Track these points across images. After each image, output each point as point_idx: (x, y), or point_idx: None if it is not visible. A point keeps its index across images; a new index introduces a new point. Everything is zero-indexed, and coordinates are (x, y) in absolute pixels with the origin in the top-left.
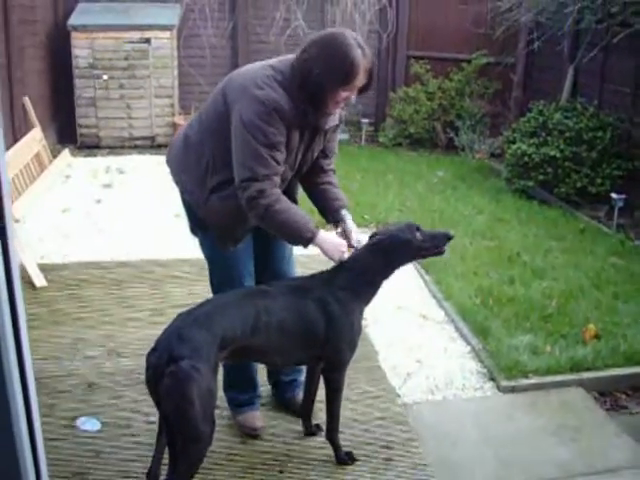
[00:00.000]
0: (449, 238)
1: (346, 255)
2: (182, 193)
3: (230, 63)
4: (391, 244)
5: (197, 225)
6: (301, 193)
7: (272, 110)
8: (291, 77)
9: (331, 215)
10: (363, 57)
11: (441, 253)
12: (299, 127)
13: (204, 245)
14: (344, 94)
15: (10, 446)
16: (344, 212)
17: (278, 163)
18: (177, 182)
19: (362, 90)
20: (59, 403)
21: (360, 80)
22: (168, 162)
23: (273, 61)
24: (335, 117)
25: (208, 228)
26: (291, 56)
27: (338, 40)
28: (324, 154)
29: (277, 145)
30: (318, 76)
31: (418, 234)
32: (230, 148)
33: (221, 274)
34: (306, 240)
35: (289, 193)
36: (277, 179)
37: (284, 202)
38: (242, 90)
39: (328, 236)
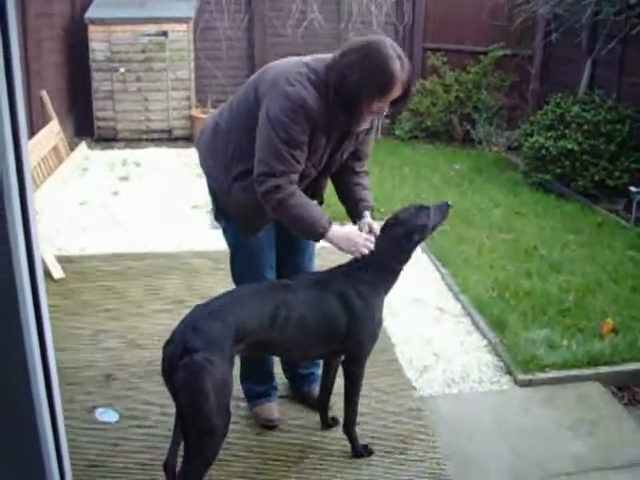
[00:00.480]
0: (449, 205)
1: (365, 250)
2: (208, 178)
3: (246, 55)
4: (408, 233)
5: (221, 212)
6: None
7: (299, 107)
8: (325, 78)
9: (354, 216)
10: (401, 69)
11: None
12: (327, 128)
13: (227, 233)
14: (379, 104)
15: (33, 435)
16: (366, 213)
17: (298, 162)
18: (203, 167)
19: (397, 104)
20: (78, 394)
21: (395, 93)
22: (197, 147)
23: (308, 59)
24: (367, 121)
25: (230, 216)
26: (327, 55)
27: (380, 50)
28: (356, 156)
29: (299, 144)
30: (356, 83)
31: (429, 214)
32: (255, 139)
33: (243, 262)
34: (318, 235)
35: (315, 190)
36: (295, 176)
37: (298, 197)
38: (273, 84)
39: (341, 231)
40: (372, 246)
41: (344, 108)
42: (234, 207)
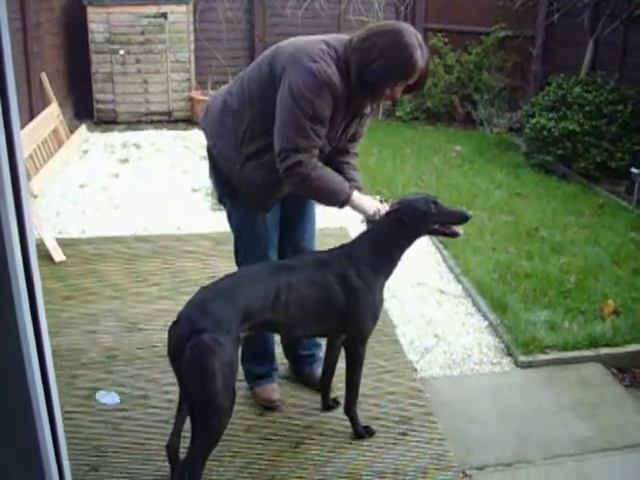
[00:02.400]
0: (465, 219)
1: (382, 210)
2: (217, 158)
3: (247, 37)
4: (408, 214)
5: (227, 193)
6: None
7: (324, 84)
8: (344, 57)
9: None
10: (422, 58)
11: (455, 234)
12: (346, 106)
13: (232, 214)
14: (395, 89)
15: (29, 420)
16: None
17: (319, 137)
18: (213, 147)
19: (411, 90)
20: (79, 376)
21: (412, 80)
22: (203, 127)
23: (327, 37)
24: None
25: (238, 196)
26: (343, 35)
27: (405, 38)
28: (353, 137)
29: (322, 119)
30: (379, 68)
31: (433, 207)
32: (270, 116)
33: (247, 244)
34: (341, 202)
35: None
36: (316, 151)
37: (320, 169)
38: (294, 60)
39: (361, 196)
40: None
41: (365, 90)
42: (247, 186)
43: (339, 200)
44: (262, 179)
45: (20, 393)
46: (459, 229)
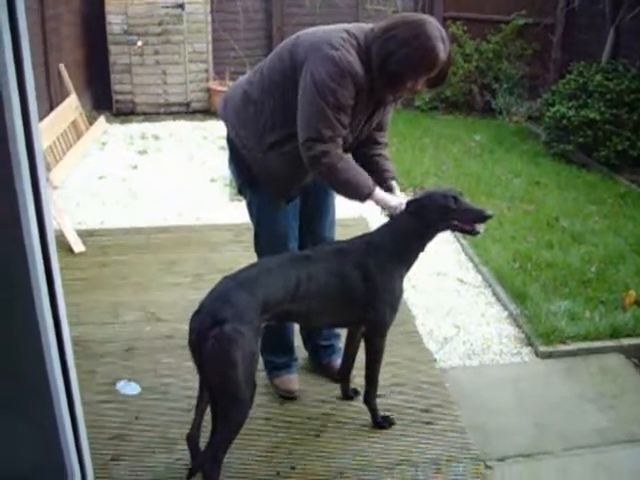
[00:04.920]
0: (485, 217)
1: (404, 206)
2: (239, 149)
3: (264, 27)
4: (426, 206)
5: (247, 183)
6: None
7: (346, 72)
8: (366, 46)
9: (380, 186)
10: (444, 51)
11: (474, 232)
12: (368, 95)
13: (252, 204)
14: (417, 82)
15: (49, 410)
16: (393, 183)
17: (343, 126)
18: (235, 137)
19: (434, 85)
20: (99, 367)
21: (433, 72)
22: (224, 117)
23: (348, 25)
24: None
25: (259, 186)
26: (364, 24)
27: (428, 31)
28: (378, 126)
29: (345, 108)
30: (401, 60)
31: (453, 202)
32: (292, 105)
33: (267, 235)
34: (365, 196)
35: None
36: (341, 140)
37: (346, 161)
38: (315, 49)
39: (384, 192)
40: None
41: (387, 81)
42: (269, 175)
43: (363, 194)
44: (285, 168)
45: (40, 383)
46: (480, 227)
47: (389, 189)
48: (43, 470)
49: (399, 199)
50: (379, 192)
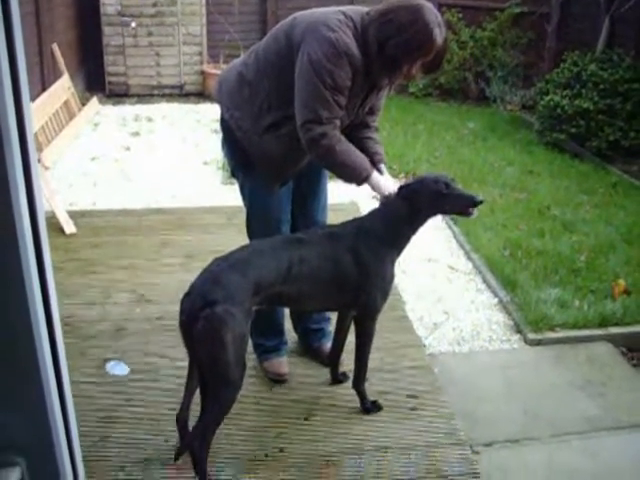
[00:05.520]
0: (476, 203)
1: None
2: (234, 131)
3: (259, 11)
4: (417, 191)
5: (240, 165)
6: None
7: (343, 53)
8: (362, 28)
9: None
10: (440, 36)
11: (467, 214)
12: (364, 77)
13: (245, 187)
14: (414, 66)
15: (37, 390)
16: (382, 167)
17: (340, 107)
18: (229, 119)
19: (429, 71)
20: (89, 347)
21: (429, 57)
22: (218, 99)
23: (343, 8)
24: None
25: (252, 169)
26: (360, 7)
27: (425, 16)
28: (371, 110)
29: (342, 89)
30: (398, 45)
31: (444, 187)
32: (288, 87)
33: (259, 217)
34: (362, 179)
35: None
36: (338, 122)
37: (344, 144)
38: (312, 30)
39: (380, 176)
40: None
41: (383, 64)
42: (265, 158)
43: (360, 176)
44: (281, 151)
45: (28, 363)
46: (473, 209)
47: (378, 172)
48: (31, 450)
49: (394, 185)
50: (376, 175)
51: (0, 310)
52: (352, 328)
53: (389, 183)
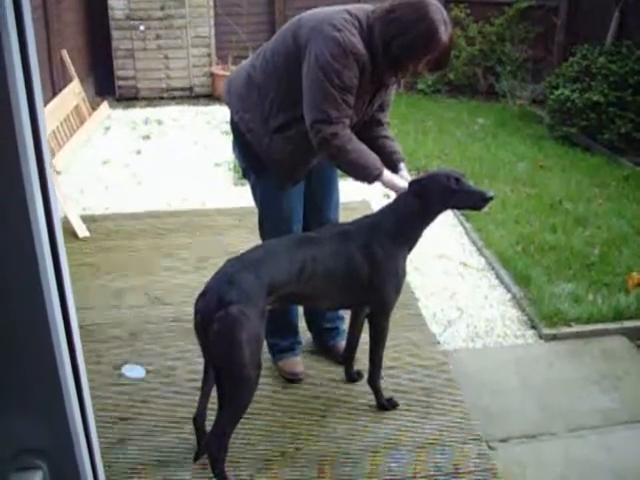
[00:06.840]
0: (486, 199)
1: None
2: (244, 133)
3: (267, 11)
4: (427, 187)
5: (252, 166)
6: None
7: (349, 52)
8: (368, 27)
9: (389, 168)
10: (446, 34)
11: (477, 208)
12: (371, 76)
13: (256, 188)
14: (420, 64)
15: (57, 394)
16: (402, 165)
17: (349, 106)
18: (239, 121)
19: (435, 68)
20: (105, 351)
21: (434, 55)
22: (227, 101)
23: (348, 6)
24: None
25: (263, 170)
26: (365, 5)
27: (431, 14)
28: (381, 107)
29: (350, 88)
30: (404, 43)
31: (454, 183)
32: (297, 88)
33: (271, 218)
34: (373, 177)
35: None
36: (348, 121)
37: (355, 142)
38: (318, 30)
39: (392, 174)
40: None
41: (389, 63)
42: (276, 159)
43: (372, 175)
44: (291, 152)
45: (48, 367)
46: (479, 204)
47: (399, 171)
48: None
49: (406, 181)
50: (387, 173)
51: (21, 319)
52: (366, 326)
53: (402, 182)
